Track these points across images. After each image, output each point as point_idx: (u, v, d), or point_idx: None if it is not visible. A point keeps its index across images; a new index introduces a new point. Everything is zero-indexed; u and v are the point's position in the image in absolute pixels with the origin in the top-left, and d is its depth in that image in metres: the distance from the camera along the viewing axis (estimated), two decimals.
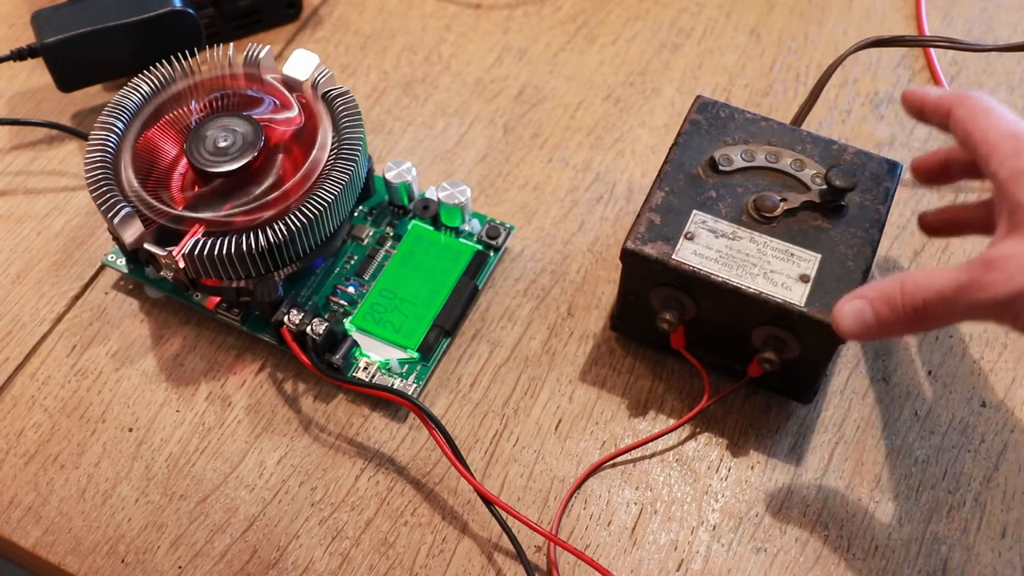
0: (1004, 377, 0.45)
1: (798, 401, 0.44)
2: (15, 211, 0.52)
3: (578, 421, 0.45)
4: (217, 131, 0.45)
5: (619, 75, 0.57)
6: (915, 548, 0.41)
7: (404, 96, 0.56)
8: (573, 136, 0.54)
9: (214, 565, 0.41)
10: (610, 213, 0.51)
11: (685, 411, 0.44)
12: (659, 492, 0.43)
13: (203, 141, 0.44)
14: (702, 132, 0.44)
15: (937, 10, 0.59)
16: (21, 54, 0.53)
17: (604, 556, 0.41)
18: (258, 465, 0.44)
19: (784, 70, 0.57)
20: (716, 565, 0.41)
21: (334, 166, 0.44)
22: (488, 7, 0.61)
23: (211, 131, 0.45)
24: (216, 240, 0.42)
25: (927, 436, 0.44)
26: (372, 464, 0.44)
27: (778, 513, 0.42)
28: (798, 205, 0.41)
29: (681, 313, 0.42)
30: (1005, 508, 0.42)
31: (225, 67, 0.47)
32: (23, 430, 0.45)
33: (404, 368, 0.45)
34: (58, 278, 0.50)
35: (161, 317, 0.48)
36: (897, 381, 0.45)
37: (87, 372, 0.46)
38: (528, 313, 0.48)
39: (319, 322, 0.43)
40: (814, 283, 0.39)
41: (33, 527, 0.42)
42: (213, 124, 0.45)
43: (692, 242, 0.40)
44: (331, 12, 0.60)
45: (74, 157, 0.54)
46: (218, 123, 0.45)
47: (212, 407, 0.45)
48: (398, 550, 0.41)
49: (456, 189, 0.48)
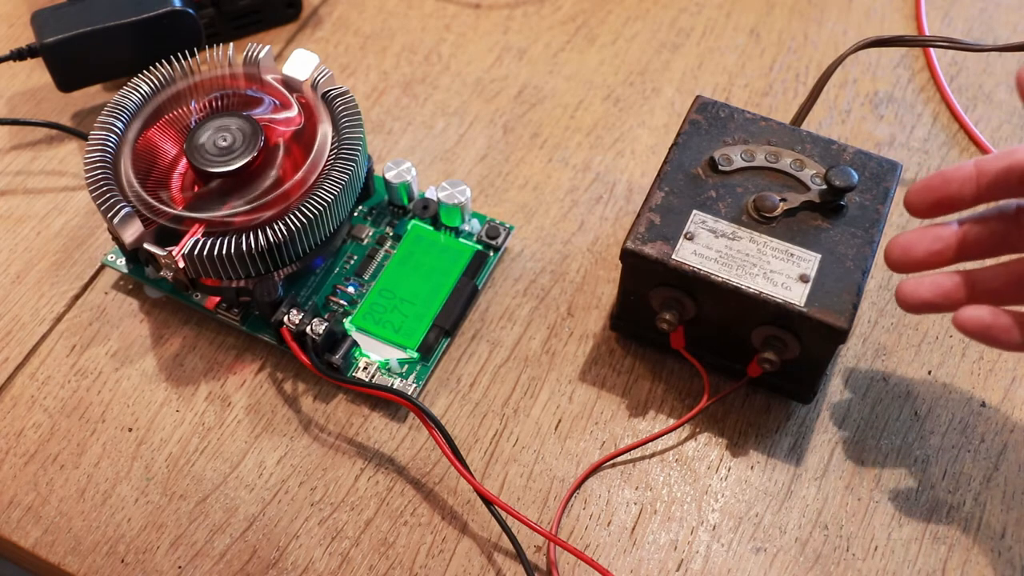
0: (1004, 377, 0.45)
1: (798, 401, 0.44)
2: (15, 211, 0.52)
3: (578, 421, 0.45)
4: (217, 131, 0.45)
5: (619, 75, 0.57)
6: (915, 548, 0.41)
7: (404, 96, 0.56)
8: (573, 136, 0.54)
9: (214, 565, 0.41)
10: (610, 213, 0.51)
11: (685, 411, 0.44)
12: (659, 492, 0.43)
13: (203, 141, 0.44)
14: (702, 132, 0.44)
15: (937, 10, 0.59)
16: (21, 54, 0.53)
17: (604, 556, 0.41)
18: (258, 465, 0.44)
19: (784, 70, 0.57)
20: (716, 565, 0.41)
21: (334, 166, 0.44)
22: (488, 7, 0.61)
23: (211, 131, 0.45)
24: (216, 240, 0.42)
25: (927, 436, 0.44)
26: (372, 464, 0.44)
27: (778, 513, 0.42)
28: (798, 205, 0.41)
29: (681, 313, 0.42)
30: (1005, 508, 0.42)
31: (225, 67, 0.47)
32: (23, 430, 0.45)
33: (404, 368, 0.45)
34: (58, 278, 0.50)
35: (161, 317, 0.48)
36: (897, 381, 0.45)
37: (87, 372, 0.46)
38: (528, 313, 0.48)
39: (319, 322, 0.43)
40: (814, 283, 0.39)
41: (33, 527, 0.42)
42: (213, 124, 0.45)
43: (692, 242, 0.40)
44: (331, 12, 0.60)
45: (74, 157, 0.54)
46: (218, 123, 0.45)
47: (212, 407, 0.45)
48: (398, 550, 0.41)
49: (456, 189, 0.48)
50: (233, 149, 0.44)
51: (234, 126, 0.45)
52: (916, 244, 0.38)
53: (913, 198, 0.38)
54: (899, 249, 0.38)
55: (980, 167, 0.37)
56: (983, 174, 0.36)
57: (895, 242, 0.38)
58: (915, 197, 0.38)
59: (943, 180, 0.37)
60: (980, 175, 0.36)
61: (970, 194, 0.37)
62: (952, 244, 0.38)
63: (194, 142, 0.44)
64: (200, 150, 0.44)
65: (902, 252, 0.38)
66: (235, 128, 0.45)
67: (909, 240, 0.38)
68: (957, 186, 0.37)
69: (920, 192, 0.38)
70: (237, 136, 0.45)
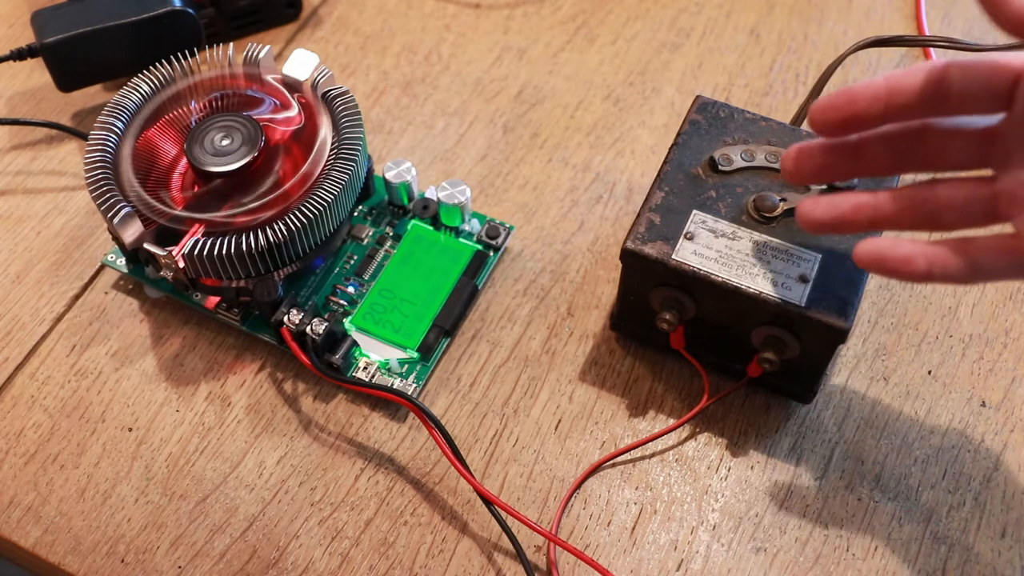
0: (1004, 377, 0.45)
1: (798, 401, 0.44)
2: (15, 211, 0.52)
3: (578, 421, 0.45)
4: (217, 131, 0.45)
5: (619, 75, 0.57)
6: (915, 548, 0.41)
7: (404, 96, 0.56)
8: (573, 136, 0.54)
9: (214, 565, 0.41)
10: (610, 213, 0.51)
11: (685, 411, 0.44)
12: (659, 492, 0.43)
13: (203, 141, 0.44)
14: (702, 132, 0.44)
15: (937, 10, 0.59)
16: (21, 54, 0.53)
17: (604, 556, 0.41)
18: (258, 465, 0.44)
19: (784, 70, 0.57)
20: (716, 565, 0.41)
21: (334, 166, 0.44)
22: (488, 7, 0.61)
23: (211, 131, 0.45)
24: (216, 240, 0.42)
25: (927, 436, 0.44)
26: (372, 464, 0.44)
27: (778, 513, 0.42)
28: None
29: (681, 313, 0.42)
30: (1005, 508, 0.42)
31: (225, 67, 0.47)
32: (23, 430, 0.45)
33: (404, 368, 0.45)
34: (58, 278, 0.50)
35: (161, 317, 0.48)
36: (897, 381, 0.45)
37: (87, 372, 0.46)
38: (528, 313, 0.48)
39: (319, 322, 0.43)
40: (814, 283, 0.39)
41: (33, 527, 0.42)
42: (213, 124, 0.45)
43: (692, 242, 0.40)
44: (331, 12, 0.60)
45: (74, 157, 0.54)
46: (218, 123, 0.45)
47: (212, 407, 0.45)
48: (398, 550, 0.41)
49: (456, 189, 0.48)
50: (233, 149, 0.44)
51: (234, 126, 0.45)
52: (812, 153, 0.36)
53: (817, 116, 0.35)
54: (791, 157, 0.37)
55: (891, 85, 0.34)
56: (894, 93, 0.34)
57: (790, 150, 0.37)
58: (819, 116, 0.35)
59: (849, 99, 0.34)
60: (891, 94, 0.34)
61: (877, 113, 0.34)
62: (847, 158, 0.36)
63: (194, 142, 0.44)
64: (200, 150, 0.44)
65: (795, 159, 0.37)
66: (235, 128, 0.45)
67: (807, 148, 0.36)
68: (865, 104, 0.34)
69: (824, 111, 0.35)
70: (237, 136, 0.45)
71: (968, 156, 0.34)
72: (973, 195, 0.34)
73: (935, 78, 0.33)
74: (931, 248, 0.34)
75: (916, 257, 0.34)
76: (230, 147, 0.44)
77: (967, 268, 0.34)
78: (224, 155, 0.44)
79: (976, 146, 0.34)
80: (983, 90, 0.33)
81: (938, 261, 0.34)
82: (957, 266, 0.34)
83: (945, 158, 0.35)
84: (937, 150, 0.35)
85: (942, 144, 0.35)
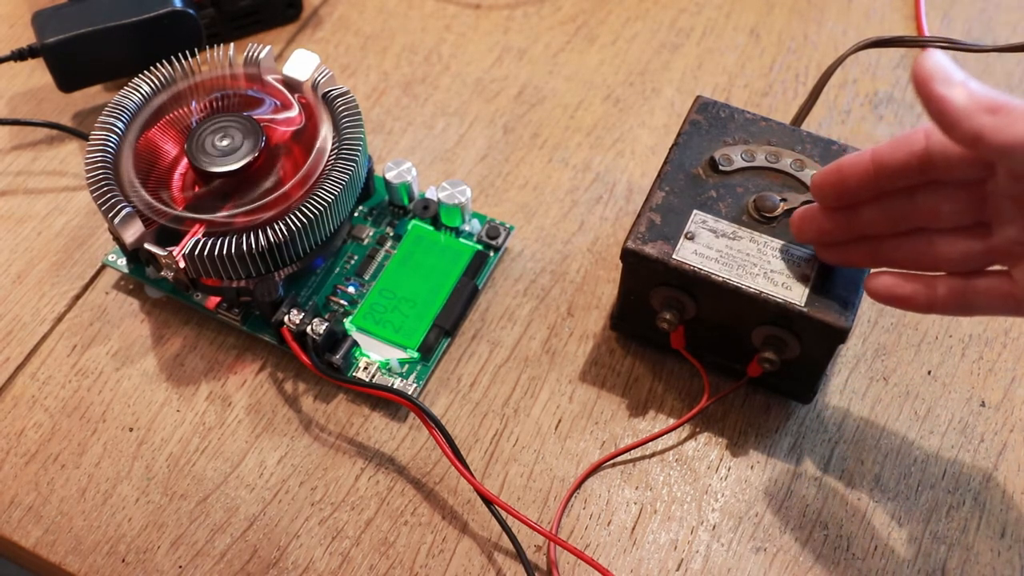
0: (1004, 377, 0.45)
1: (798, 401, 0.44)
2: (15, 211, 0.52)
3: (578, 421, 0.45)
4: (217, 132, 0.45)
5: (619, 75, 0.57)
6: (915, 548, 0.41)
7: (404, 96, 0.56)
8: (573, 136, 0.54)
9: (214, 565, 0.41)
10: (610, 213, 0.51)
11: (685, 411, 0.45)
12: (659, 492, 0.43)
13: (204, 141, 0.45)
14: (702, 132, 0.44)
15: (937, 10, 0.59)
16: (21, 54, 0.53)
17: (604, 556, 0.41)
18: (258, 465, 0.44)
19: (784, 70, 0.57)
20: (716, 565, 0.41)
21: (334, 166, 0.44)
22: (488, 7, 0.61)
23: (211, 131, 0.45)
24: (216, 240, 0.42)
25: (927, 436, 0.44)
26: (372, 464, 0.44)
27: (778, 513, 0.42)
28: (798, 205, 0.41)
29: (681, 313, 0.42)
30: (1005, 508, 0.42)
31: (225, 67, 0.47)
32: (23, 430, 0.45)
33: (404, 368, 0.45)
34: (58, 278, 0.50)
35: (161, 317, 0.48)
36: (897, 381, 0.45)
37: (87, 372, 0.46)
38: (528, 313, 0.48)
39: (319, 322, 0.43)
40: (814, 283, 0.39)
41: (33, 527, 0.42)
42: (213, 124, 0.45)
43: (692, 242, 0.40)
44: (331, 12, 0.60)
45: (74, 157, 0.54)
46: (218, 123, 0.45)
47: (212, 407, 0.45)
48: (398, 550, 0.41)
49: (456, 189, 0.48)
50: (234, 149, 0.44)
51: (235, 126, 0.45)
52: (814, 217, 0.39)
53: (815, 190, 0.38)
54: (795, 223, 0.40)
55: (877, 160, 0.35)
56: (880, 167, 0.35)
57: (794, 216, 0.39)
58: (816, 190, 0.38)
59: (839, 175, 0.37)
60: (877, 168, 0.35)
61: (867, 185, 0.36)
62: (845, 221, 0.38)
63: (195, 142, 0.45)
64: (201, 150, 0.44)
65: (798, 225, 0.39)
66: (236, 128, 0.45)
67: (810, 213, 0.39)
68: (854, 181, 0.36)
69: (820, 185, 0.38)
70: (238, 136, 0.45)
71: (960, 214, 0.36)
72: (969, 251, 0.36)
73: (917, 151, 0.34)
74: (932, 291, 0.36)
75: (918, 297, 0.37)
76: (231, 147, 0.44)
77: (965, 309, 0.36)
78: (225, 155, 0.44)
79: (967, 204, 0.35)
80: (964, 156, 0.34)
81: (938, 303, 0.36)
82: (956, 307, 0.36)
83: (938, 217, 0.36)
84: (929, 210, 0.36)
85: (934, 204, 0.36)
